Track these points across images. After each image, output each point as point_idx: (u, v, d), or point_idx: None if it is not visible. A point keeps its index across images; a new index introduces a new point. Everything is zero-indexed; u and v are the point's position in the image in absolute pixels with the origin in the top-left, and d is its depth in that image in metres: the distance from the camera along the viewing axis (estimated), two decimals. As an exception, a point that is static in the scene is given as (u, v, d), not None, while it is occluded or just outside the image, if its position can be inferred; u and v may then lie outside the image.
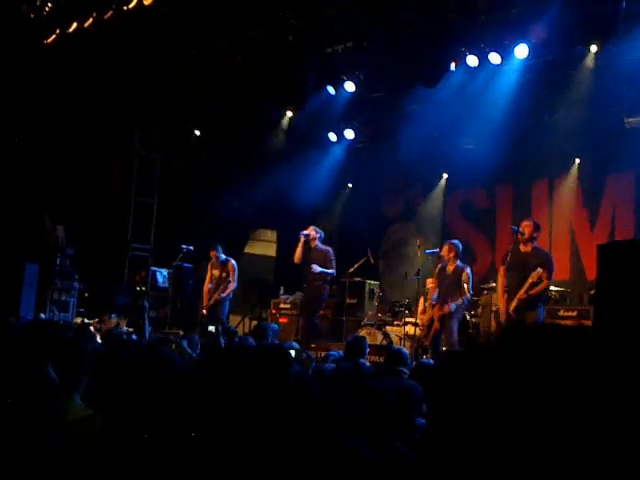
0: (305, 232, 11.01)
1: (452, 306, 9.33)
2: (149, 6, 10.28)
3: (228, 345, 6.92)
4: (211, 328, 10.18)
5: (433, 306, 9.60)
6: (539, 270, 8.27)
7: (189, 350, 6.75)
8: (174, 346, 6.47)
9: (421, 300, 10.77)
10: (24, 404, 2.81)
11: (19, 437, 2.62)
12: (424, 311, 10.42)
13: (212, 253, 11.61)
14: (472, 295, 9.81)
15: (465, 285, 9.36)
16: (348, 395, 3.06)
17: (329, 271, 10.90)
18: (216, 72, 12.72)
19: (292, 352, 5.79)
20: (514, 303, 8.32)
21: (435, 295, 9.64)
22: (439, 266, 9.82)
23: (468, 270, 9.54)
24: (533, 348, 1.15)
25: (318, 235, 11.01)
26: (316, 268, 10.78)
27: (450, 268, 9.59)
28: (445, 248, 9.69)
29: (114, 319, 11.72)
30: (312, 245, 10.96)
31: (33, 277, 12.01)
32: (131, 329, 9.65)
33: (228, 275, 11.41)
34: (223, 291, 11.36)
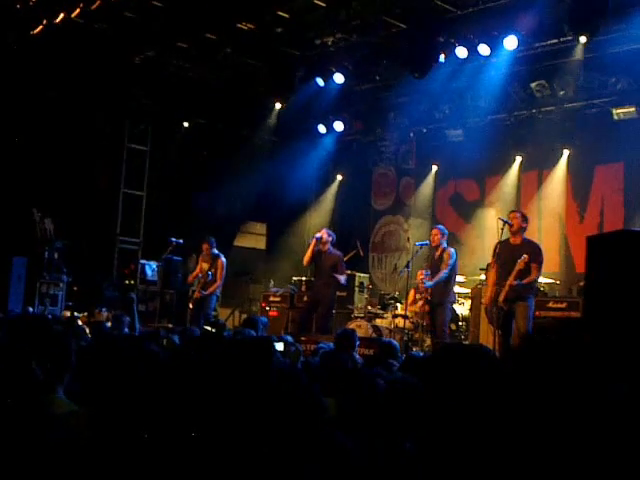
0: (318, 235, 10.93)
1: (427, 284, 9.42)
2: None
3: (212, 337, 6.88)
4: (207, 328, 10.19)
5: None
6: (524, 257, 8.25)
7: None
8: (165, 341, 6.41)
9: (411, 292, 10.78)
10: (10, 399, 2.78)
11: (5, 433, 2.59)
12: (414, 302, 10.46)
13: (204, 245, 11.52)
14: (449, 273, 9.69)
15: (446, 262, 9.43)
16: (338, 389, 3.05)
17: (342, 278, 10.92)
18: (205, 64, 12.66)
19: (281, 344, 5.77)
20: (503, 294, 8.31)
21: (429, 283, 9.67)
22: (430, 255, 9.91)
23: (451, 250, 9.62)
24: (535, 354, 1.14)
25: (330, 239, 10.91)
26: (341, 279, 10.76)
27: (437, 253, 9.68)
28: (434, 233, 9.76)
29: (104, 313, 11.67)
30: (323, 249, 10.85)
31: (21, 270, 11.96)
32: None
33: (215, 271, 11.33)
34: (207, 288, 11.29)
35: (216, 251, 11.51)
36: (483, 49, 10.66)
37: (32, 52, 11.71)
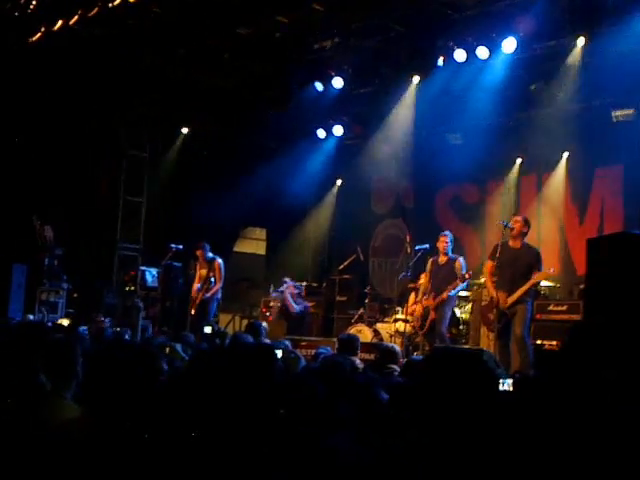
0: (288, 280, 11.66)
1: (451, 291, 9.41)
2: (135, 3, 10.20)
3: (219, 346, 6.87)
4: (207, 329, 10.15)
5: (426, 299, 9.62)
6: (536, 276, 8.36)
7: (182, 354, 6.68)
8: (168, 350, 6.38)
9: (412, 295, 10.75)
10: (14, 406, 2.78)
11: (11, 439, 2.59)
12: (415, 303, 10.35)
13: (198, 252, 11.58)
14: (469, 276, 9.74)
15: (460, 272, 9.41)
16: (336, 392, 3.04)
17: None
18: (203, 70, 12.66)
19: (279, 351, 5.75)
20: (510, 301, 8.29)
21: (428, 289, 9.64)
22: (430, 260, 9.84)
23: (461, 259, 9.62)
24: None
25: (297, 292, 11.57)
26: None
27: (442, 259, 9.64)
28: (441, 239, 9.74)
29: (106, 322, 11.61)
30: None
31: (21, 277, 11.95)
32: (118, 329, 9.58)
33: (214, 274, 11.37)
34: (207, 291, 11.32)
35: (211, 254, 11.55)
36: (482, 52, 10.65)
37: (30, 58, 11.72)
